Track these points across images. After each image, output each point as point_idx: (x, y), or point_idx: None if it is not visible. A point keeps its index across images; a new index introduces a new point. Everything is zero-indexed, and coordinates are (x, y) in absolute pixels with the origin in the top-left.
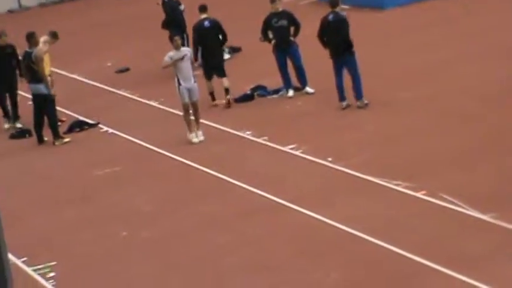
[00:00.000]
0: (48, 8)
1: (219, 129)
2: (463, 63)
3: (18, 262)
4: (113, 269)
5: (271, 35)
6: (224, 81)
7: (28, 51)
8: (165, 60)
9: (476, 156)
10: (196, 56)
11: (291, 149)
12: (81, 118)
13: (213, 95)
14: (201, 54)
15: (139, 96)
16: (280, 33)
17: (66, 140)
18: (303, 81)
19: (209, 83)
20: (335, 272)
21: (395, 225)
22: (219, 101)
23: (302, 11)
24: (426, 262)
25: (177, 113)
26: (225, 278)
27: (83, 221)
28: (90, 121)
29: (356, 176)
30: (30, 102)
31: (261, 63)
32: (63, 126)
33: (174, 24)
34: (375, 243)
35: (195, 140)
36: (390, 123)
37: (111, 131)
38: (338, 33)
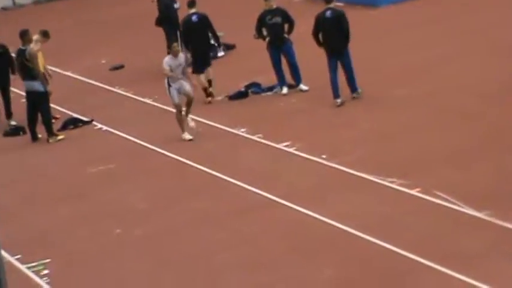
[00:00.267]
0: (42, 5)
1: (213, 126)
2: (459, 60)
3: (12, 259)
4: (106, 266)
5: (265, 32)
6: (209, 72)
7: (22, 48)
8: (164, 68)
9: (472, 153)
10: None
11: (285, 146)
12: (75, 115)
13: (207, 91)
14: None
15: (133, 94)
16: (274, 31)
17: (60, 137)
18: (297, 78)
19: (200, 78)
20: (328, 269)
21: (389, 222)
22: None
23: (296, 8)
24: (420, 259)
25: (171, 110)
26: (218, 274)
27: (77, 218)
28: (84, 118)
29: (350, 173)
30: (24, 100)
31: (255, 61)
32: (57, 124)
33: (168, 22)
34: (368, 240)
35: (189, 137)
36: (385, 121)
37: (105, 128)
38: (338, 29)
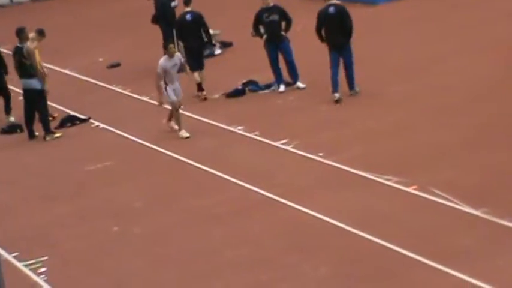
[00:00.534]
0: (39, 3)
1: (211, 124)
2: (455, 57)
3: (9, 257)
4: (104, 264)
5: (262, 30)
6: (203, 74)
7: (19, 46)
8: (158, 72)
9: (468, 151)
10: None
11: (282, 144)
12: (73, 113)
13: (201, 85)
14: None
15: (130, 92)
16: (272, 28)
17: (57, 135)
18: (294, 76)
19: (194, 75)
20: (325, 266)
21: (386, 220)
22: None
23: (293, 6)
24: (417, 257)
25: (168, 108)
26: (216, 272)
27: (74, 216)
28: (82, 116)
29: (347, 170)
30: (21, 98)
31: (252, 58)
32: (55, 121)
33: (164, 20)
34: (365, 238)
35: (186, 134)
36: (381, 118)
37: (102, 126)
38: (341, 25)
